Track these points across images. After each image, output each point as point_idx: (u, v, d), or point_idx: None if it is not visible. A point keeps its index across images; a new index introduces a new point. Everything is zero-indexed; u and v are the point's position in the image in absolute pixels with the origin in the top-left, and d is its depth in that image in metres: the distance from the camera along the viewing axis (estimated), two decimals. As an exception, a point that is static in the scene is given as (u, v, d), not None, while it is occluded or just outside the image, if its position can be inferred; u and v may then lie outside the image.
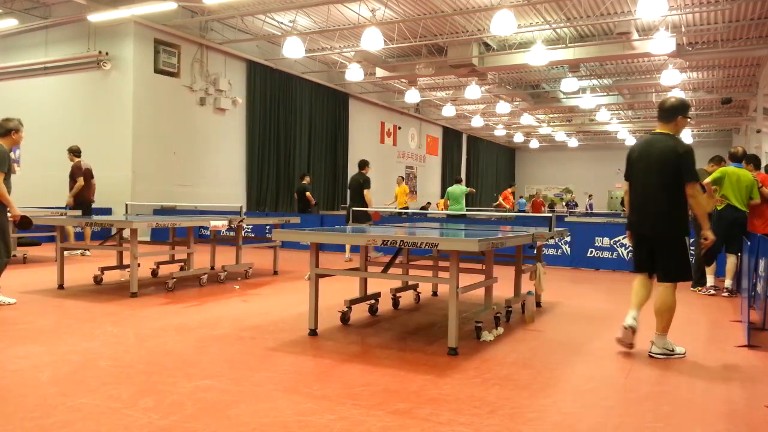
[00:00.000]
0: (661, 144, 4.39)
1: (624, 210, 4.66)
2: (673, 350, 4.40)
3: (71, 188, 10.31)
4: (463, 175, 30.33)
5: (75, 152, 10.53)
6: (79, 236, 10.97)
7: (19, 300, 6.01)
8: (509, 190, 20.79)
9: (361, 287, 5.78)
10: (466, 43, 15.11)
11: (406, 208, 17.30)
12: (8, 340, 4.41)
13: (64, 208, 10.32)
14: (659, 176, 4.34)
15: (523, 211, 23.48)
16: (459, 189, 14.12)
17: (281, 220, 9.05)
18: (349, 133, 21.13)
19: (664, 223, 4.37)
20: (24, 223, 5.72)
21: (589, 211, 27.93)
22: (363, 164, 10.83)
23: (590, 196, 32.65)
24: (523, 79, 20.67)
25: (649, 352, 4.42)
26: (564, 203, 33.44)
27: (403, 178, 19.84)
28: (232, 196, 15.85)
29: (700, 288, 7.73)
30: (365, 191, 10.43)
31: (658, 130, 4.53)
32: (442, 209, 18.80)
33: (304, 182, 15.04)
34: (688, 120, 4.60)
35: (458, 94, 21.78)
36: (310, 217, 13.15)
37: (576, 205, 30.63)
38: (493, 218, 14.83)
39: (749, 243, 5.26)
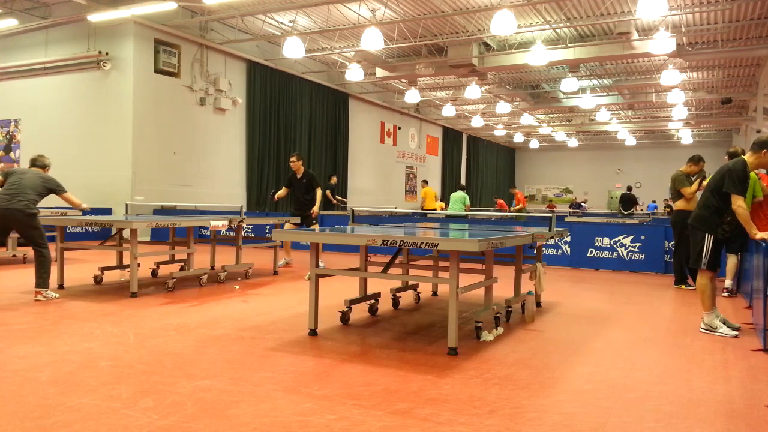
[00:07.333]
0: None
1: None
2: (715, 328, 5.13)
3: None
4: (463, 175, 30.35)
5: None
6: None
7: (19, 300, 6.01)
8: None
9: (361, 287, 5.78)
10: (466, 43, 15.11)
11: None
12: (8, 340, 4.41)
13: (64, 208, 10.30)
14: None
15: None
16: (458, 195, 14.49)
17: (281, 220, 9.05)
18: (349, 133, 21.11)
19: None
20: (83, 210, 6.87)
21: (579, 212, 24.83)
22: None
23: (585, 201, 30.81)
24: (523, 79, 20.67)
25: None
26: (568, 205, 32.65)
27: (426, 182, 20.42)
28: (232, 196, 15.84)
29: (682, 286, 8.09)
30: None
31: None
32: (424, 195, 19.14)
33: (330, 182, 16.25)
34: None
35: (458, 94, 21.76)
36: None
37: (578, 206, 30.14)
38: (492, 218, 14.82)
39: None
